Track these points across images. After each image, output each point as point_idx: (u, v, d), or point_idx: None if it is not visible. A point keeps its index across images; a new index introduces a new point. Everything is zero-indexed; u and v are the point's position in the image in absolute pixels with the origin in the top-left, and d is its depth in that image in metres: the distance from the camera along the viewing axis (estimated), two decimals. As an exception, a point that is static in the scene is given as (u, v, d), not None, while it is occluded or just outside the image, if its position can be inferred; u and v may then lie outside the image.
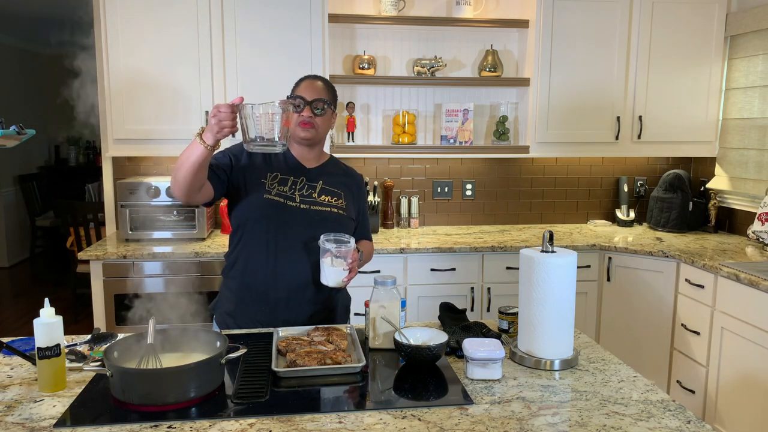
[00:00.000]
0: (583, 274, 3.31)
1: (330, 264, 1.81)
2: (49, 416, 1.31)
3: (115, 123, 3.15)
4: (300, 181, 1.95)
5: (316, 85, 1.92)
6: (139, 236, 3.20)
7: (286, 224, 1.89)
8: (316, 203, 1.94)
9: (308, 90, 1.91)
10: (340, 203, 1.98)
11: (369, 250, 2.15)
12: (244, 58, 3.17)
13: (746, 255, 3.02)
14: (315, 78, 1.95)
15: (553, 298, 1.57)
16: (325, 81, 1.97)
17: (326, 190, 1.98)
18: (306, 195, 1.94)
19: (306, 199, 1.93)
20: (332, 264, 1.81)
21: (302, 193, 1.94)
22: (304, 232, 1.89)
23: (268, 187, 1.90)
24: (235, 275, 1.95)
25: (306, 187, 1.95)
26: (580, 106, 3.49)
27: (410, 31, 3.62)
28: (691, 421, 1.31)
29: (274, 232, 1.89)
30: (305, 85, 1.93)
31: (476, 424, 1.29)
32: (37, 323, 1.42)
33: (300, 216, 1.90)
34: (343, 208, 1.98)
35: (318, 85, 1.93)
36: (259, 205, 1.88)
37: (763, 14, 3.27)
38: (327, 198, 1.96)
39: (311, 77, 1.96)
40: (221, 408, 1.34)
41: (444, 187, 3.79)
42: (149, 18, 3.09)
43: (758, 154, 3.37)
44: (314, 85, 1.92)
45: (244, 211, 1.91)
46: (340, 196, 2.00)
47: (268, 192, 1.89)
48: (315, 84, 1.93)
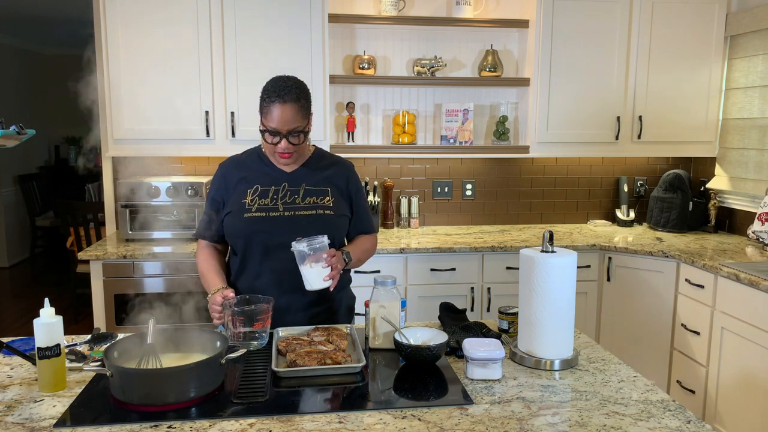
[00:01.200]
0: (583, 274, 3.31)
1: (308, 267, 1.78)
2: (49, 416, 1.31)
3: (115, 123, 3.15)
4: (282, 189, 1.92)
5: (287, 110, 1.77)
6: (139, 236, 3.20)
7: (272, 236, 1.87)
8: (300, 208, 1.90)
9: (281, 120, 1.77)
10: (326, 201, 1.92)
11: (368, 246, 2.04)
12: (244, 58, 3.17)
13: (746, 255, 3.02)
14: (283, 97, 1.77)
15: (553, 298, 1.57)
16: (295, 94, 1.79)
17: (310, 191, 1.93)
18: (289, 202, 1.90)
19: (289, 205, 1.90)
20: (310, 267, 1.77)
21: (285, 201, 1.90)
22: (292, 240, 1.85)
23: (248, 205, 1.89)
24: (234, 285, 1.96)
25: (288, 193, 1.91)
26: (580, 106, 3.49)
27: (410, 31, 3.62)
28: (691, 421, 1.31)
29: (262, 246, 1.88)
30: (275, 112, 1.77)
31: (476, 424, 1.29)
32: (37, 323, 1.42)
33: (285, 224, 1.87)
34: (330, 206, 1.92)
35: (288, 109, 1.77)
36: (241, 226, 1.88)
37: (763, 14, 3.27)
38: (312, 199, 1.92)
39: (279, 98, 1.76)
40: (221, 408, 1.34)
41: (444, 187, 3.79)
42: (149, 17, 3.09)
43: (758, 154, 3.37)
44: (285, 111, 1.77)
45: (230, 234, 1.93)
46: (326, 193, 1.94)
47: (248, 210, 1.88)
48: (286, 110, 1.77)
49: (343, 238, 2.00)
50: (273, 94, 1.78)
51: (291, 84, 1.80)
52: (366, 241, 2.05)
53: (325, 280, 1.77)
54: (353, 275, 3.15)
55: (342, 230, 1.97)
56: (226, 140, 3.22)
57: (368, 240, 2.06)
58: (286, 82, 1.80)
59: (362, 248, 2.01)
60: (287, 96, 1.77)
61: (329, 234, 1.87)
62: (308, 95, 1.85)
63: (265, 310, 1.72)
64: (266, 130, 1.81)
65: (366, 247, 2.03)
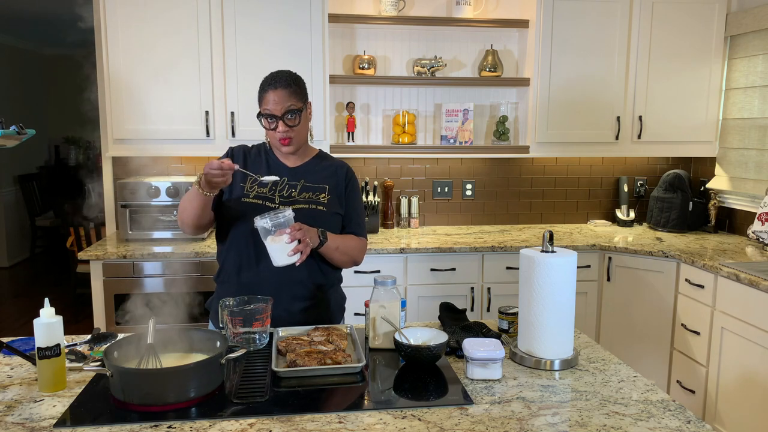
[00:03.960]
0: (583, 274, 3.31)
1: (271, 242, 1.71)
2: (49, 416, 1.31)
3: (115, 123, 3.15)
4: (282, 182, 1.95)
5: (281, 93, 1.84)
6: (139, 236, 3.20)
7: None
8: (295, 201, 1.92)
9: (275, 102, 1.84)
10: (321, 198, 1.95)
11: (353, 244, 1.98)
12: (244, 58, 3.17)
13: (746, 255, 3.02)
14: (276, 84, 1.85)
15: (553, 298, 1.57)
16: (287, 80, 1.86)
17: (308, 188, 1.96)
18: (286, 195, 1.93)
19: (286, 199, 1.93)
20: (273, 241, 1.71)
21: (282, 194, 1.93)
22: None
23: (246, 190, 1.92)
24: (225, 279, 1.97)
25: (287, 187, 1.95)
26: (580, 106, 3.49)
27: (410, 31, 3.62)
28: (691, 421, 1.31)
29: (251, 232, 1.88)
30: (270, 97, 1.84)
31: (476, 424, 1.29)
32: (37, 323, 1.41)
33: None
34: (324, 203, 1.94)
35: (281, 92, 1.84)
36: (238, 209, 1.90)
37: (763, 14, 3.27)
38: (307, 195, 1.94)
39: (272, 85, 1.85)
40: (221, 408, 1.34)
41: (444, 187, 3.79)
42: (149, 17, 3.09)
43: (758, 154, 3.37)
44: (278, 94, 1.84)
45: (225, 215, 1.94)
46: (323, 190, 1.96)
47: (246, 195, 1.91)
48: (279, 93, 1.84)
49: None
50: (266, 84, 1.88)
51: (283, 73, 1.89)
52: (352, 239, 1.99)
53: (289, 254, 1.72)
54: (352, 275, 3.17)
55: (333, 227, 1.97)
56: (226, 140, 3.22)
57: (355, 239, 2.00)
58: (279, 73, 1.89)
59: (345, 240, 1.95)
60: (279, 83, 1.86)
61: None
62: (301, 83, 1.92)
63: (264, 310, 1.72)
64: (263, 115, 1.88)
65: (350, 243, 1.97)
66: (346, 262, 1.98)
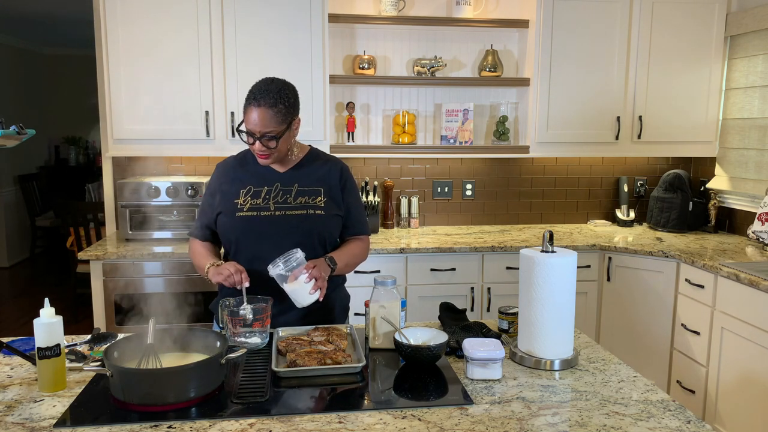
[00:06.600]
0: (583, 274, 3.31)
1: (291, 286, 1.75)
2: (49, 416, 1.31)
3: (115, 123, 3.15)
4: (274, 189, 1.93)
5: (262, 114, 1.77)
6: (139, 236, 3.20)
7: (263, 235, 1.88)
8: (291, 207, 1.91)
9: (255, 122, 1.79)
10: (318, 201, 1.93)
11: (358, 252, 2.01)
12: (244, 58, 3.17)
13: (746, 255, 3.02)
14: (260, 101, 1.78)
15: (553, 298, 1.57)
16: (274, 99, 1.78)
17: (302, 191, 1.94)
18: (281, 201, 1.92)
19: (281, 205, 1.91)
20: (292, 285, 1.75)
21: (277, 201, 1.92)
22: (283, 239, 1.87)
23: (240, 205, 1.91)
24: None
25: (281, 193, 1.93)
26: (580, 106, 3.49)
27: (410, 31, 3.62)
28: (691, 421, 1.31)
29: (253, 245, 1.89)
30: (252, 114, 1.79)
31: (476, 424, 1.29)
32: (37, 323, 1.42)
33: (276, 224, 1.89)
34: (321, 206, 1.93)
35: (264, 113, 1.77)
36: (233, 225, 1.90)
37: (763, 14, 3.27)
38: (303, 199, 1.93)
39: (257, 101, 1.78)
40: (221, 408, 1.34)
41: (444, 187, 3.79)
42: (149, 17, 3.09)
43: (758, 154, 3.37)
44: (261, 113, 1.77)
45: (222, 234, 1.95)
46: (318, 193, 1.95)
47: (240, 210, 1.90)
48: (261, 112, 1.77)
49: (335, 238, 2.00)
50: (251, 97, 1.80)
51: (272, 88, 1.80)
52: (355, 246, 2.01)
53: (311, 293, 1.74)
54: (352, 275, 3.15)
55: (334, 230, 1.96)
56: (226, 140, 3.22)
57: (358, 245, 2.02)
58: (268, 86, 1.80)
59: (350, 253, 1.98)
60: (263, 100, 1.78)
61: (319, 234, 1.89)
62: (289, 100, 1.82)
63: (264, 310, 1.72)
64: (241, 131, 1.84)
65: (355, 252, 2.00)
66: (354, 266, 2.03)
